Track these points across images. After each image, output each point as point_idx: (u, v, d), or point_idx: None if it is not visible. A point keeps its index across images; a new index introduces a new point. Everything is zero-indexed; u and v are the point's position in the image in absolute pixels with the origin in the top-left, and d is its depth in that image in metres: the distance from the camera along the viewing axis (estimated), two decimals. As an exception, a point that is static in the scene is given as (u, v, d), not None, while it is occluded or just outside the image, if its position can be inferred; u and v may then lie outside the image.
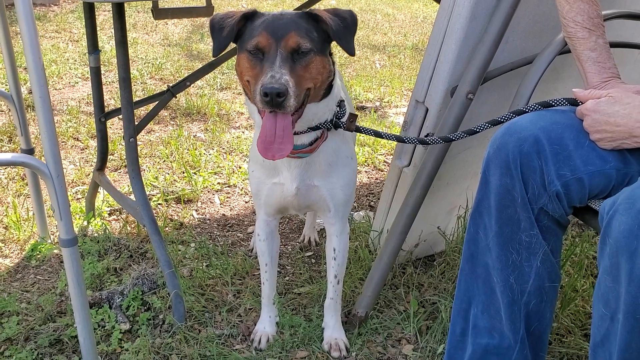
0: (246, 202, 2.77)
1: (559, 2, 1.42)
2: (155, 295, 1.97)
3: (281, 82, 1.28)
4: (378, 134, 1.65)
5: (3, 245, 2.29)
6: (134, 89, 4.08)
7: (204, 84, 4.44)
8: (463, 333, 1.50)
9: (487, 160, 1.36)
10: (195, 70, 2.35)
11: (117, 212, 2.60)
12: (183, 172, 2.98)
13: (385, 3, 8.82)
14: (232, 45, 1.49)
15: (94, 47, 2.11)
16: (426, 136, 1.89)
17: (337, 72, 1.59)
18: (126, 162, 2.16)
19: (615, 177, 1.26)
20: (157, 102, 2.32)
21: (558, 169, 1.26)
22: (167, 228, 2.46)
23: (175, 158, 3.14)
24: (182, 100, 4.03)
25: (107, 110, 2.27)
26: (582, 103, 1.32)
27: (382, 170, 3.18)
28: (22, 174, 2.79)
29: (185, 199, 2.73)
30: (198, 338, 1.81)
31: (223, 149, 3.33)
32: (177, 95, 2.35)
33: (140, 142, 3.30)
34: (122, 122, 2.07)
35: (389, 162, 3.18)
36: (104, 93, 2.35)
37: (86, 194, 2.53)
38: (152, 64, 4.86)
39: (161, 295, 1.98)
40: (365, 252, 2.19)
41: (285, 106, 1.30)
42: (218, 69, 3.85)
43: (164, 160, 3.12)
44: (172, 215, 2.60)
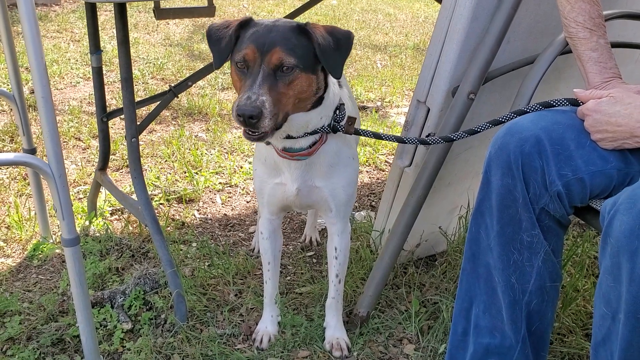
0: (247, 202, 2.78)
1: (560, 2, 1.42)
2: (157, 295, 1.97)
3: (256, 104, 1.28)
4: (378, 136, 1.65)
5: (5, 245, 2.30)
6: (136, 89, 4.08)
7: (205, 84, 4.45)
8: (464, 333, 1.50)
9: (489, 160, 1.36)
10: (197, 70, 2.35)
11: (119, 211, 2.60)
12: (185, 172, 2.99)
13: (386, 3, 8.81)
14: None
15: (95, 47, 2.11)
16: (427, 136, 1.89)
17: (344, 85, 1.59)
18: (128, 162, 2.16)
19: (616, 177, 1.26)
20: (158, 102, 2.33)
21: (559, 169, 1.26)
22: (168, 228, 2.47)
23: (177, 158, 3.14)
24: (184, 100, 4.03)
25: (109, 110, 2.27)
26: (583, 103, 1.32)
27: (383, 170, 3.18)
28: (24, 174, 2.79)
29: (187, 199, 2.74)
30: (200, 337, 1.81)
31: (224, 148, 3.34)
32: (178, 95, 2.35)
33: (142, 142, 3.30)
34: (124, 122, 2.08)
35: (391, 162, 3.18)
36: (106, 93, 2.35)
37: (88, 194, 2.54)
38: (154, 64, 4.87)
39: (163, 294, 1.98)
40: (366, 252, 2.19)
41: (258, 127, 1.31)
42: (219, 69, 3.86)
43: (166, 160, 3.13)
44: (173, 215, 2.61)
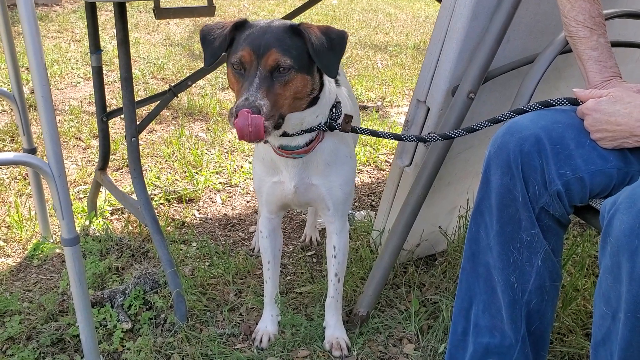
0: (248, 202, 2.78)
1: (560, 1, 1.42)
2: (157, 295, 1.97)
3: (254, 105, 1.29)
4: (375, 133, 1.65)
5: (5, 244, 2.30)
6: (136, 89, 4.08)
7: (205, 83, 4.45)
8: (464, 332, 1.50)
9: (488, 160, 1.36)
10: (197, 70, 2.35)
11: (119, 211, 2.60)
12: (185, 172, 2.99)
13: (387, 3, 8.81)
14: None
15: (95, 47, 2.11)
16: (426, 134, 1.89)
17: (343, 83, 1.58)
18: (128, 162, 2.16)
19: (616, 177, 1.26)
20: (158, 101, 2.33)
21: (559, 168, 1.26)
22: (168, 227, 2.47)
23: (177, 158, 3.14)
24: (184, 100, 4.03)
25: (109, 110, 2.27)
26: (583, 102, 1.32)
27: (383, 170, 3.18)
28: (24, 174, 2.80)
29: (187, 199, 2.74)
30: (200, 337, 1.81)
31: (225, 148, 3.34)
32: (178, 95, 2.36)
33: (142, 142, 3.30)
34: (124, 121, 2.08)
35: (391, 161, 3.18)
36: (106, 93, 2.36)
37: (88, 194, 2.54)
38: (154, 63, 4.87)
39: (163, 294, 1.98)
40: (366, 251, 2.19)
41: None
42: (219, 68, 3.85)
43: (166, 160, 3.13)
44: (173, 214, 2.61)
